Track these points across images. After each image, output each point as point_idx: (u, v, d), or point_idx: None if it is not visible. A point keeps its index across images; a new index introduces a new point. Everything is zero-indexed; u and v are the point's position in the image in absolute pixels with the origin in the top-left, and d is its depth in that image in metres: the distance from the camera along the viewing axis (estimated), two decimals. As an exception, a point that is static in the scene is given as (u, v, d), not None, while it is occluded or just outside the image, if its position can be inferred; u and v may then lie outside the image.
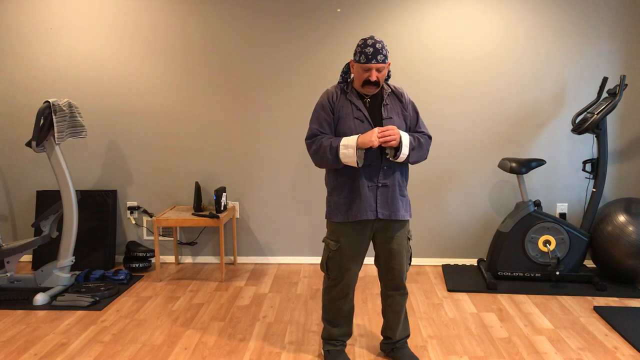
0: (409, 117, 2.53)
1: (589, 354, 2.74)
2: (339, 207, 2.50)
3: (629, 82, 3.99)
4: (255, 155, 4.20)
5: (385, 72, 2.42)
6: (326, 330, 2.68)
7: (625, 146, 4.07)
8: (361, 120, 2.44)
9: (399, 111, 2.50)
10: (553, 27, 3.95)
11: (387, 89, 2.52)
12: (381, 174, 2.45)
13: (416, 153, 2.48)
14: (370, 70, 2.37)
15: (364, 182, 2.44)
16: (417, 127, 2.56)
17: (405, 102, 2.53)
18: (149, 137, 4.20)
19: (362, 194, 2.44)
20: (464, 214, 4.19)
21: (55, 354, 2.76)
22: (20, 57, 4.15)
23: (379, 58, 2.35)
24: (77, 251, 4.15)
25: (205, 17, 4.04)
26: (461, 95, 4.05)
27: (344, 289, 2.56)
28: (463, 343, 2.87)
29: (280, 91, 4.11)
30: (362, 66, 2.38)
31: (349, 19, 4.00)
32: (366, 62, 2.36)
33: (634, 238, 3.52)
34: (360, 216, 2.45)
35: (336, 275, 2.54)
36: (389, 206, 2.47)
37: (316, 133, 2.49)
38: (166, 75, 4.12)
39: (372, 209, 2.45)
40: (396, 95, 2.53)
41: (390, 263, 2.56)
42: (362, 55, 2.36)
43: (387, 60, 2.39)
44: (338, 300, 2.59)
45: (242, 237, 4.30)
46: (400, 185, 2.50)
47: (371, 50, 2.34)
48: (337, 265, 2.53)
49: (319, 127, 2.48)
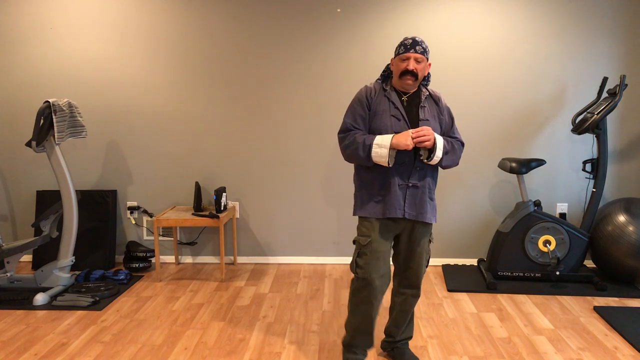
0: (444, 122, 2.52)
1: (589, 354, 2.74)
2: (369, 203, 2.48)
3: (629, 82, 3.99)
4: (255, 155, 4.20)
5: (424, 67, 2.42)
6: (348, 337, 2.59)
7: (625, 146, 4.07)
8: (398, 118, 2.42)
9: (435, 114, 2.49)
10: (553, 27, 3.95)
11: (424, 91, 2.51)
12: (413, 174, 2.43)
13: (449, 157, 2.47)
14: (409, 60, 2.38)
15: (396, 180, 2.42)
16: (452, 133, 2.55)
17: (442, 107, 2.52)
18: (149, 137, 4.20)
19: (393, 191, 2.42)
20: (464, 214, 4.19)
21: (55, 354, 2.76)
22: (20, 57, 4.15)
23: (417, 48, 2.37)
24: (77, 251, 4.15)
25: (206, 17, 4.04)
26: (461, 95, 4.05)
27: (372, 291, 2.46)
28: (463, 343, 2.87)
29: (280, 91, 4.11)
30: (400, 56, 2.39)
31: (349, 19, 4.00)
32: (405, 51, 2.38)
33: (634, 238, 3.52)
34: (389, 213, 2.42)
35: (366, 274, 2.45)
36: (416, 207, 2.45)
37: (350, 128, 2.47)
38: (166, 75, 4.12)
39: (400, 208, 2.44)
40: (433, 99, 2.52)
41: (409, 263, 2.55)
42: (402, 47, 2.39)
43: (426, 54, 2.40)
44: (366, 304, 2.48)
45: (242, 237, 4.30)
46: (430, 188, 2.48)
47: (410, 42, 2.38)
48: (367, 262, 2.45)
49: (353, 122, 2.47)
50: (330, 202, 4.21)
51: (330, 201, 4.21)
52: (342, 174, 4.18)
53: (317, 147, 4.16)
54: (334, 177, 4.19)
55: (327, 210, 4.23)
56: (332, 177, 4.19)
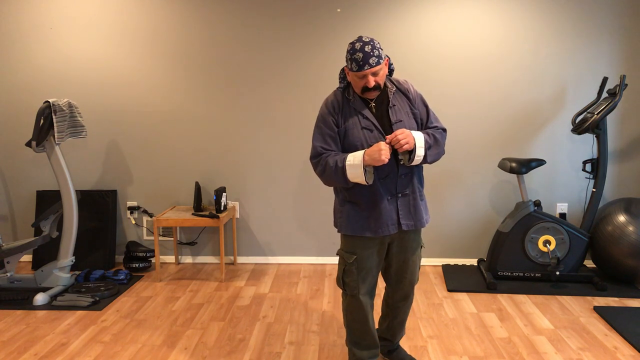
0: (418, 115, 2.31)
1: (589, 354, 2.74)
2: (353, 220, 2.29)
3: (629, 82, 3.99)
4: (255, 155, 4.20)
5: (383, 72, 2.20)
6: (352, 354, 2.47)
7: (625, 146, 4.07)
8: (370, 129, 2.22)
9: (407, 110, 2.28)
10: (553, 27, 3.95)
11: (391, 87, 2.29)
12: (400, 183, 2.26)
13: (433, 151, 2.26)
14: (366, 77, 2.16)
15: (383, 195, 2.23)
16: (429, 123, 2.33)
17: (413, 98, 2.31)
18: (149, 137, 4.20)
19: (382, 208, 2.24)
20: (464, 214, 4.19)
21: (55, 354, 2.76)
22: (20, 57, 4.15)
23: (371, 62, 2.13)
24: (77, 251, 4.15)
25: (206, 17, 4.04)
26: (461, 95, 4.05)
27: (364, 306, 2.36)
28: (463, 343, 2.87)
29: (280, 91, 4.11)
30: (356, 74, 2.16)
31: (349, 19, 4.00)
32: (358, 69, 2.14)
33: (634, 238, 3.52)
34: (382, 232, 2.25)
35: (354, 291, 2.33)
36: (412, 215, 2.30)
37: (320, 152, 2.26)
38: (166, 75, 4.12)
39: (393, 222, 2.27)
40: (402, 92, 2.31)
41: (403, 273, 2.42)
42: (354, 63, 2.14)
43: (381, 60, 2.16)
44: (361, 318, 2.38)
45: (242, 237, 4.30)
46: (419, 190, 2.33)
47: (361, 56, 2.12)
48: (354, 279, 2.32)
49: (322, 145, 2.26)
50: (330, 202, 4.21)
51: (330, 201, 4.21)
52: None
53: (317, 147, 4.15)
54: (334, 177, 4.18)
55: (327, 210, 4.22)
56: (332, 177, 4.18)
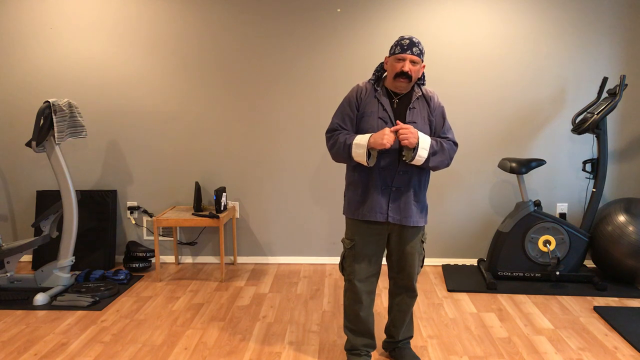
0: (434, 123, 2.46)
1: (589, 354, 2.74)
2: (352, 204, 2.48)
3: (629, 82, 3.99)
4: (255, 155, 4.20)
5: (419, 69, 2.38)
6: (348, 342, 2.62)
7: (625, 146, 4.07)
8: (385, 120, 2.39)
9: (425, 116, 2.43)
10: (553, 27, 3.95)
11: (417, 92, 2.46)
12: (397, 178, 2.40)
13: (437, 158, 2.39)
14: (404, 61, 2.33)
15: (378, 183, 2.40)
16: (442, 133, 2.47)
17: (433, 107, 2.46)
18: (149, 137, 4.20)
19: (375, 195, 2.41)
20: (464, 214, 4.19)
21: (55, 354, 2.76)
22: (20, 57, 4.15)
23: (414, 50, 2.33)
24: (77, 251, 4.15)
25: (206, 18, 4.04)
26: (461, 95, 4.05)
27: (358, 292, 2.51)
28: (463, 343, 2.87)
29: (280, 91, 4.11)
30: (396, 56, 2.35)
31: (349, 19, 4.00)
32: (401, 51, 2.34)
33: (634, 238, 3.52)
34: (370, 216, 2.42)
35: (350, 276, 2.50)
36: (400, 211, 2.42)
37: (336, 128, 2.46)
38: (166, 75, 4.12)
39: (382, 212, 2.42)
40: (425, 99, 2.46)
41: (402, 264, 2.54)
42: (398, 47, 2.35)
43: (422, 56, 2.37)
44: (355, 304, 2.53)
45: (242, 237, 4.30)
46: (416, 191, 2.44)
47: (407, 42, 2.34)
48: (350, 265, 2.49)
49: (340, 122, 2.46)
50: (330, 202, 4.21)
51: (330, 201, 4.21)
52: (342, 174, 4.18)
53: (317, 147, 4.16)
54: (334, 177, 4.19)
55: (327, 210, 4.23)
56: (332, 177, 4.19)
